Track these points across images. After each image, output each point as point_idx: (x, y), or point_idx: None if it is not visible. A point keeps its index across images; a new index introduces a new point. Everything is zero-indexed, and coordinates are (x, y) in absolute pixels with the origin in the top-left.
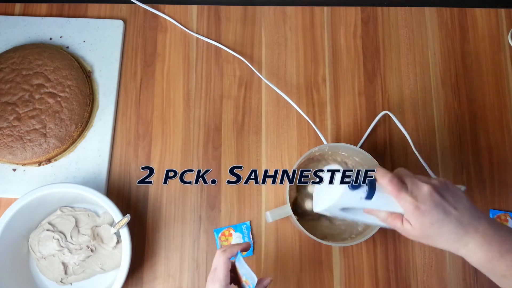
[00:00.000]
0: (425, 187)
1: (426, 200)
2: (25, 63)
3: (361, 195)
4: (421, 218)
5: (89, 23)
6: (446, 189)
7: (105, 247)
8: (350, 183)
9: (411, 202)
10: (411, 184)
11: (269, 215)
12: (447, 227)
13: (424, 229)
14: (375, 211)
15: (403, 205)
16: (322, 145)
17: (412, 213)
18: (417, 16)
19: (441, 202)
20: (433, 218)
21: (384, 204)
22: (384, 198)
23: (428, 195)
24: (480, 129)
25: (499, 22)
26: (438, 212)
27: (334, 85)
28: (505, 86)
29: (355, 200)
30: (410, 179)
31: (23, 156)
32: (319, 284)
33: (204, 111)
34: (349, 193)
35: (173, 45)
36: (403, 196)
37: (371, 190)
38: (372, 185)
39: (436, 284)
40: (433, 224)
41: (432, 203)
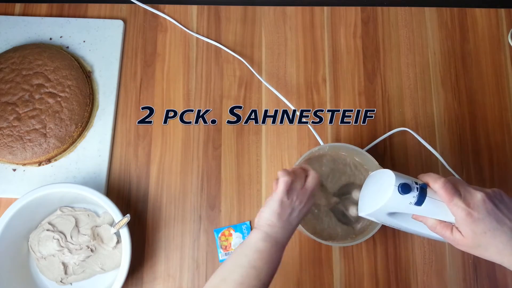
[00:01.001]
0: (479, 195)
1: (479, 207)
2: (25, 63)
3: (411, 200)
4: (473, 226)
5: (89, 23)
6: (501, 199)
7: (105, 247)
8: (399, 186)
9: (464, 209)
10: (464, 191)
11: None
12: (501, 237)
13: (475, 238)
14: (423, 218)
15: (455, 212)
16: (322, 145)
17: (464, 220)
18: (417, 16)
19: (494, 210)
20: (486, 226)
21: (433, 211)
22: (434, 205)
23: (481, 202)
24: (480, 129)
25: (499, 22)
26: (491, 220)
27: (334, 85)
28: (505, 86)
29: (404, 205)
30: (463, 186)
31: (23, 156)
32: (319, 284)
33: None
34: (398, 197)
35: (173, 45)
36: (456, 202)
37: (422, 195)
38: (423, 190)
39: (436, 284)
40: (486, 233)
41: (485, 211)
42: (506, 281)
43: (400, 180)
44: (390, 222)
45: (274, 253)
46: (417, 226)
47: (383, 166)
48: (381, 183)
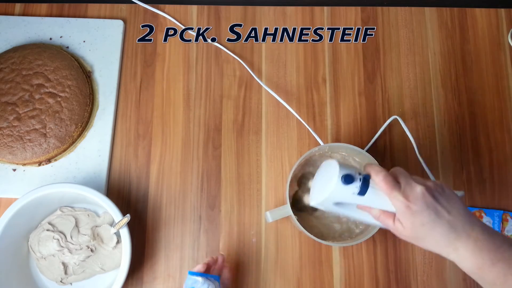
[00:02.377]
0: (418, 188)
1: (418, 200)
2: (25, 63)
3: (354, 190)
4: (412, 218)
5: (89, 23)
6: (441, 192)
7: (105, 247)
8: (343, 177)
9: (403, 202)
10: (405, 183)
11: (269, 215)
12: (439, 229)
13: (414, 229)
14: (368, 208)
15: (395, 204)
16: (322, 145)
17: (403, 213)
18: (417, 16)
19: (433, 204)
20: (424, 219)
21: (377, 201)
22: (377, 195)
23: (420, 195)
24: (480, 129)
25: (499, 22)
26: (430, 213)
27: (334, 85)
28: (505, 86)
29: (348, 195)
30: (405, 179)
31: (23, 156)
32: (319, 284)
33: (204, 111)
34: (342, 187)
35: (173, 45)
36: (395, 195)
37: (364, 186)
38: (365, 181)
39: (436, 284)
40: (424, 225)
41: (424, 204)
42: None
43: (343, 171)
44: (338, 211)
45: None
46: (363, 216)
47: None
48: (327, 173)
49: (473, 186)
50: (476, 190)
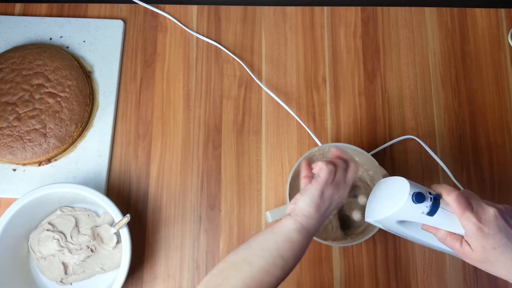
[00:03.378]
0: (491, 210)
1: (490, 223)
2: (25, 63)
3: (424, 210)
4: (483, 240)
5: (89, 23)
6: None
7: (105, 247)
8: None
9: (475, 223)
10: (476, 205)
11: (269, 215)
12: (510, 254)
13: (484, 252)
14: (433, 229)
15: (466, 225)
16: (322, 145)
17: (474, 235)
18: (417, 16)
19: (506, 227)
20: (496, 242)
21: (444, 222)
22: (445, 216)
23: (493, 218)
24: (480, 129)
25: (499, 22)
26: (502, 237)
27: (334, 85)
28: (505, 86)
29: (416, 214)
30: (476, 201)
31: (23, 156)
32: (319, 284)
33: (204, 111)
34: (411, 206)
35: (173, 45)
36: (467, 215)
37: (435, 206)
38: (436, 201)
39: (436, 284)
40: (496, 248)
41: (496, 227)
42: (506, 281)
43: (414, 189)
44: (398, 230)
45: (304, 245)
46: (425, 237)
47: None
48: (393, 190)
49: (473, 186)
50: (476, 190)
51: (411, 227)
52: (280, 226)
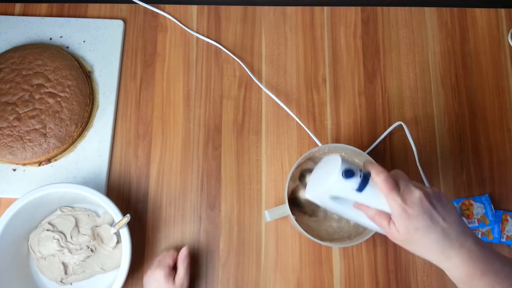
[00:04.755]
0: (417, 192)
1: (415, 204)
2: (25, 63)
3: (353, 185)
4: (407, 221)
5: (89, 23)
6: (439, 199)
7: (105, 247)
8: (344, 171)
9: (400, 204)
10: (404, 186)
11: (267, 214)
12: (432, 236)
13: (408, 233)
14: (364, 207)
15: (392, 205)
16: (322, 146)
17: (399, 215)
18: (417, 16)
19: (430, 209)
20: (419, 223)
21: (374, 200)
22: (375, 194)
23: (418, 200)
24: (480, 129)
25: (499, 22)
26: (425, 218)
27: (334, 85)
28: (505, 86)
29: (346, 190)
30: (404, 182)
31: (23, 156)
32: (319, 284)
33: (204, 111)
34: (342, 181)
35: (173, 45)
36: (393, 196)
37: (364, 182)
38: (365, 178)
39: (436, 284)
40: (418, 230)
41: (420, 209)
42: None
43: (345, 166)
44: (333, 206)
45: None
46: (358, 215)
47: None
48: (328, 167)
49: (473, 186)
50: (476, 190)
51: (345, 204)
52: None
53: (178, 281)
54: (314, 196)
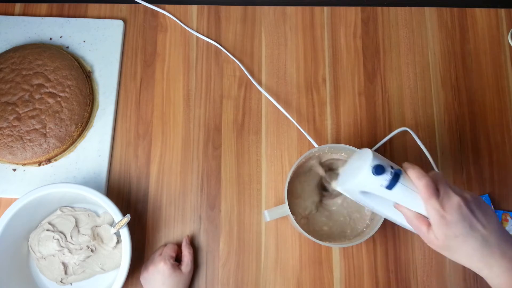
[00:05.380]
0: (456, 198)
1: (453, 211)
2: (25, 63)
3: (382, 182)
4: (445, 228)
5: (89, 23)
6: (478, 205)
7: (105, 247)
8: (374, 167)
9: (438, 211)
10: (443, 192)
11: (267, 214)
12: (472, 243)
13: (447, 240)
14: (404, 208)
15: (430, 212)
16: (322, 146)
17: (437, 222)
18: (417, 16)
19: (469, 216)
20: (458, 230)
21: (405, 200)
22: (407, 193)
23: (457, 206)
24: (480, 129)
25: (499, 22)
26: (465, 225)
27: (334, 85)
28: (505, 86)
29: (375, 186)
30: (444, 187)
31: (23, 156)
32: (319, 284)
33: (204, 111)
34: (370, 177)
35: (173, 45)
36: (432, 203)
37: (394, 180)
38: (396, 175)
39: (436, 284)
40: (457, 237)
41: (459, 216)
42: None
43: (376, 161)
44: (364, 201)
45: None
46: (395, 215)
47: None
48: (359, 162)
49: (473, 186)
50: (476, 190)
51: (376, 200)
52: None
53: (185, 269)
54: (345, 189)
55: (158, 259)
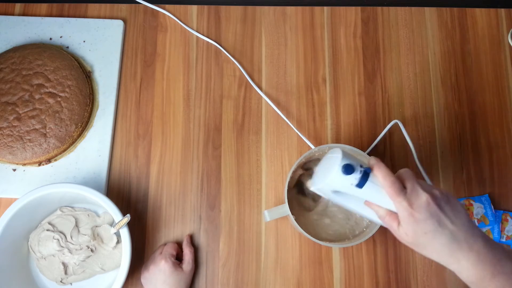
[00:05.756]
0: (424, 196)
1: (421, 208)
2: (25, 63)
3: (353, 181)
4: (414, 225)
5: (89, 23)
6: (447, 201)
7: (105, 247)
8: (343, 166)
9: (406, 208)
10: (411, 189)
11: (267, 214)
12: (440, 239)
13: (416, 237)
14: (375, 206)
15: (399, 210)
16: (322, 146)
17: (406, 219)
18: (417, 16)
19: (437, 213)
20: (427, 227)
21: (376, 197)
22: (377, 191)
23: (425, 203)
24: (480, 129)
25: (499, 22)
26: (433, 222)
27: (334, 85)
28: (505, 86)
29: (346, 185)
30: (411, 184)
31: (23, 156)
32: (319, 284)
33: (204, 111)
34: (340, 176)
35: (173, 45)
36: (400, 200)
37: (363, 179)
38: (365, 174)
39: (436, 284)
40: (426, 233)
41: (427, 213)
42: None
43: (345, 161)
44: (337, 200)
45: None
46: (367, 212)
47: None
48: (330, 161)
49: (473, 186)
50: (476, 190)
51: (352, 200)
52: None
53: (186, 267)
54: (317, 188)
55: (159, 258)
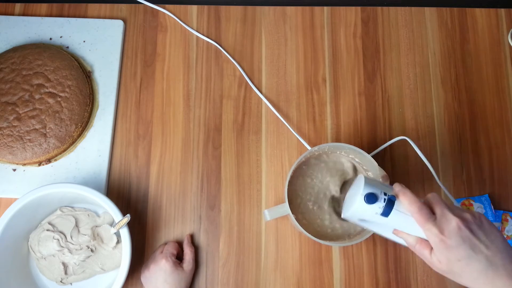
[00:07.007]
0: (454, 221)
1: (453, 234)
2: (25, 63)
3: (377, 210)
4: (447, 253)
5: (89, 23)
6: (480, 224)
7: (105, 247)
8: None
9: (437, 235)
10: (440, 214)
11: (267, 213)
12: (475, 265)
13: (449, 264)
14: (404, 234)
15: (429, 237)
16: (322, 145)
17: (437, 247)
18: (417, 16)
19: (470, 238)
20: (460, 254)
21: (404, 225)
22: (405, 219)
23: (456, 229)
24: (480, 129)
25: (499, 22)
26: (466, 248)
27: (334, 85)
28: (505, 86)
29: (371, 214)
30: (440, 209)
31: (23, 156)
32: (319, 284)
33: (204, 111)
34: (364, 206)
35: (173, 45)
36: (429, 227)
37: (388, 207)
38: (390, 202)
39: (436, 284)
40: (460, 260)
41: (459, 239)
42: None
43: (367, 189)
44: (367, 227)
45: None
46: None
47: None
48: (356, 189)
49: (473, 186)
50: (476, 190)
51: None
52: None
53: (187, 267)
54: (346, 217)
55: (160, 257)
